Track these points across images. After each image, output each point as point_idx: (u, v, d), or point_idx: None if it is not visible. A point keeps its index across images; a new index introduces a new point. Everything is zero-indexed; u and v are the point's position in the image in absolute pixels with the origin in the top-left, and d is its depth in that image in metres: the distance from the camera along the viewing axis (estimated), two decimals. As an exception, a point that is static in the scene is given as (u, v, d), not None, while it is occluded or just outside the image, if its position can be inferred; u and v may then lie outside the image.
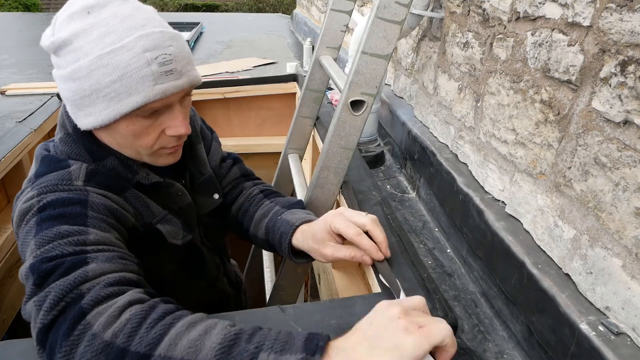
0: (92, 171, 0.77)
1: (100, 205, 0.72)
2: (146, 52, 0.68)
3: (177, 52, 0.72)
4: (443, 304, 0.73)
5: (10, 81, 3.05)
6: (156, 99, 0.71)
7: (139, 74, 0.68)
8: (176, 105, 0.76)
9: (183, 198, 0.91)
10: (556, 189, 1.17)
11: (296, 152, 1.45)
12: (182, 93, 0.76)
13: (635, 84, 0.91)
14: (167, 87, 0.71)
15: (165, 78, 0.70)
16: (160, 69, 0.69)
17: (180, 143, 0.83)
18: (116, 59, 0.68)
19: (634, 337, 0.91)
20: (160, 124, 0.76)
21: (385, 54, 0.88)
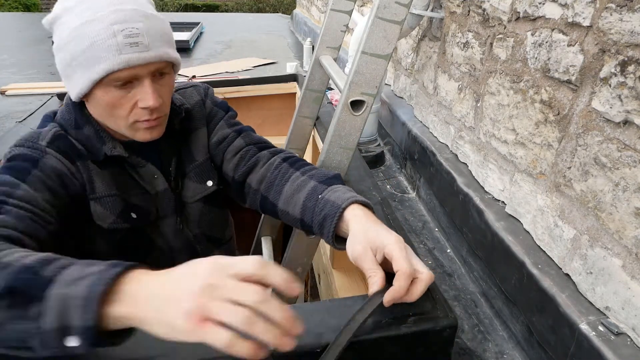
0: (58, 135, 0.85)
1: (49, 166, 0.80)
2: (114, 24, 0.75)
3: (146, 28, 0.78)
4: (443, 304, 0.73)
5: (10, 81, 3.05)
6: (120, 68, 0.76)
7: (105, 43, 0.75)
8: (146, 79, 0.80)
9: (158, 182, 0.93)
10: (556, 189, 1.17)
11: (296, 152, 1.45)
12: (153, 67, 0.80)
13: (635, 84, 0.91)
14: (130, 58, 0.76)
15: (130, 49, 0.76)
16: (125, 40, 0.75)
17: (156, 118, 0.85)
18: (88, 30, 0.76)
19: (634, 337, 0.91)
20: (133, 96, 0.81)
21: (385, 54, 0.88)
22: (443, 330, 0.69)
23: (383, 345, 0.67)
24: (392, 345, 0.68)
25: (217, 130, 1.03)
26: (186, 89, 1.05)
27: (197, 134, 1.01)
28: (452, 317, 0.70)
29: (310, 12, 5.26)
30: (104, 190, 0.88)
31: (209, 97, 1.06)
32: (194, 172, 1.00)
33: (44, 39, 4.72)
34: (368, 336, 0.66)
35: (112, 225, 0.89)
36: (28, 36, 5.06)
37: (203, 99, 1.04)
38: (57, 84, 2.98)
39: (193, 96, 1.04)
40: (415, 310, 0.71)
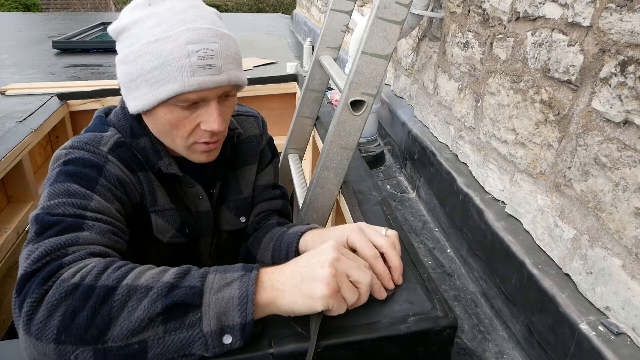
0: (120, 143, 0.82)
1: (113, 174, 0.77)
2: (189, 44, 0.72)
3: (220, 49, 0.75)
4: (443, 304, 0.73)
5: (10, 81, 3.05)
6: (191, 90, 0.73)
7: (179, 63, 0.72)
8: (213, 101, 0.77)
9: (202, 203, 0.92)
10: (556, 189, 1.17)
11: (296, 152, 1.45)
12: (221, 90, 0.77)
13: (635, 84, 0.91)
14: (203, 80, 0.73)
15: (203, 71, 0.73)
16: (199, 62, 0.72)
17: (215, 141, 0.82)
18: (161, 47, 0.72)
19: (634, 337, 0.91)
20: (197, 117, 0.78)
21: (385, 54, 0.88)
22: (443, 330, 0.69)
23: (383, 345, 0.67)
24: (392, 345, 0.68)
25: (264, 175, 1.03)
26: (247, 117, 1.02)
27: (250, 169, 1.00)
28: (452, 317, 0.70)
29: (310, 12, 5.26)
30: (165, 204, 0.85)
31: (265, 132, 1.04)
32: (234, 203, 0.98)
33: (44, 39, 4.72)
34: (368, 336, 0.66)
35: (172, 240, 0.87)
36: (28, 36, 5.06)
37: (262, 134, 1.02)
38: (57, 84, 2.98)
39: (252, 128, 1.01)
40: (415, 310, 0.71)
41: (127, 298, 0.56)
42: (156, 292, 0.56)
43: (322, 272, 0.60)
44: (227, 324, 0.56)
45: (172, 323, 0.55)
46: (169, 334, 0.55)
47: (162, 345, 0.55)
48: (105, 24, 5.53)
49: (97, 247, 0.65)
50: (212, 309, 0.56)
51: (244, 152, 0.99)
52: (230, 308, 0.56)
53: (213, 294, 0.57)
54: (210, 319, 0.55)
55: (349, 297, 0.62)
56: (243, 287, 0.58)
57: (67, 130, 2.19)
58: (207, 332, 0.55)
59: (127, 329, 0.54)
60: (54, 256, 0.61)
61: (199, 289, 0.57)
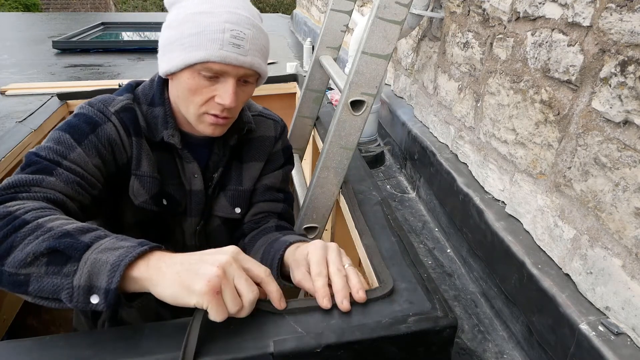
0: (127, 107, 0.90)
1: (107, 134, 0.86)
2: (227, 22, 0.81)
3: (251, 36, 0.84)
4: (443, 304, 0.73)
5: (10, 81, 3.05)
6: (216, 61, 0.81)
7: (213, 35, 0.81)
8: (233, 79, 0.85)
9: (196, 182, 0.97)
10: (556, 189, 1.17)
11: (296, 152, 1.45)
12: (242, 71, 0.84)
13: (635, 84, 0.91)
14: (228, 55, 0.81)
15: (231, 48, 0.81)
16: (231, 39, 0.81)
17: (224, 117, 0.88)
18: (202, 19, 0.82)
19: (634, 337, 0.91)
20: (214, 89, 0.85)
21: (385, 54, 0.88)
22: (443, 330, 0.69)
23: (383, 345, 0.67)
24: (392, 345, 0.68)
25: (270, 177, 1.06)
26: (267, 119, 1.07)
27: (255, 165, 1.04)
28: (452, 317, 0.70)
29: (310, 12, 5.26)
30: (148, 170, 0.92)
31: (282, 138, 1.09)
32: (232, 193, 1.03)
33: (44, 39, 4.72)
34: (368, 336, 0.66)
35: (143, 204, 0.92)
36: (28, 36, 5.05)
37: (277, 138, 1.07)
38: (57, 84, 2.98)
39: (268, 129, 1.06)
40: (415, 310, 0.71)
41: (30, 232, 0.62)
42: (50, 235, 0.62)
43: (208, 269, 0.61)
44: (95, 285, 0.59)
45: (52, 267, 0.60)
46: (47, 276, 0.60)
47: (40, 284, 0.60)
48: (105, 24, 5.53)
49: (57, 193, 0.74)
50: (86, 267, 0.59)
51: (255, 148, 1.04)
52: (101, 271, 0.59)
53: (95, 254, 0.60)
54: (82, 274, 0.59)
55: (230, 304, 0.61)
56: (122, 256, 0.60)
57: (67, 130, 2.18)
58: (76, 286, 0.59)
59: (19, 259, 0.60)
60: (17, 190, 0.71)
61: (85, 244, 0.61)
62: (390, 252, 0.87)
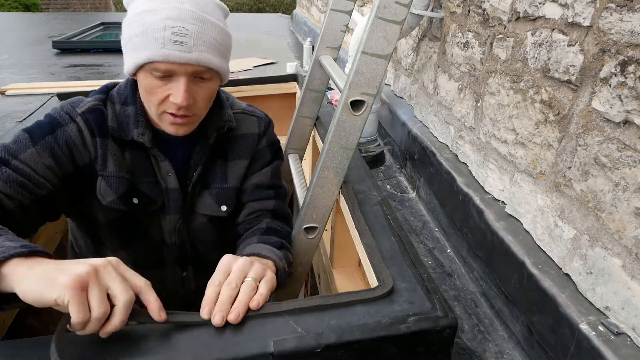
0: (94, 108, 0.91)
1: (66, 136, 0.87)
2: (167, 19, 0.80)
3: (196, 31, 0.82)
4: (443, 304, 0.73)
5: (10, 81, 3.05)
6: (159, 60, 0.81)
7: (154, 34, 0.80)
8: (183, 77, 0.83)
9: (171, 180, 0.97)
10: (556, 189, 1.17)
11: (296, 152, 1.45)
12: (190, 68, 0.83)
13: (635, 84, 0.91)
14: (170, 54, 0.80)
15: (173, 46, 0.80)
16: (172, 37, 0.80)
17: (182, 116, 0.87)
18: (145, 17, 0.81)
19: (634, 337, 0.91)
20: (168, 89, 0.84)
21: (385, 54, 0.88)
22: (443, 330, 0.69)
23: (383, 345, 0.67)
24: (392, 345, 0.68)
25: (258, 175, 1.05)
26: (249, 116, 1.07)
27: (239, 163, 1.04)
28: (452, 317, 0.70)
29: (310, 12, 5.26)
30: (114, 171, 0.92)
31: (267, 134, 1.08)
32: (217, 191, 1.02)
33: (44, 39, 4.72)
34: (368, 336, 0.66)
35: (110, 204, 0.93)
36: (28, 36, 5.05)
37: (260, 135, 1.06)
38: (57, 84, 2.98)
39: (251, 126, 1.05)
40: (415, 310, 0.71)
41: None
42: None
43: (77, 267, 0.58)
44: None
45: None
46: None
47: None
48: (105, 24, 5.53)
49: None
50: None
51: (239, 146, 1.03)
52: None
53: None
54: None
55: (95, 304, 0.57)
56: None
57: (67, 130, 2.18)
58: None
59: None
60: None
61: None
62: (390, 252, 0.87)
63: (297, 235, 1.08)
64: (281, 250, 0.92)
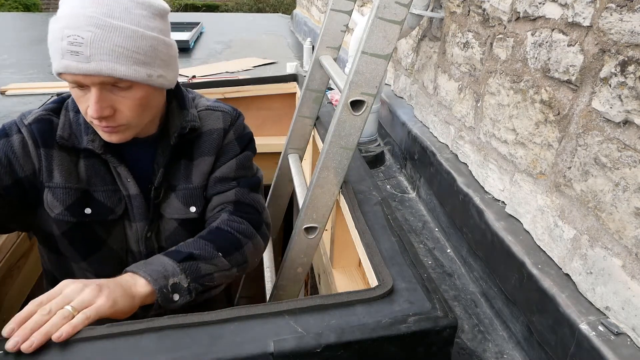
0: (39, 119, 0.90)
1: (7, 148, 0.86)
2: (65, 28, 0.76)
3: (93, 39, 0.75)
4: (443, 304, 0.73)
5: (10, 81, 3.05)
6: (60, 72, 0.78)
7: (55, 45, 0.78)
8: (94, 87, 0.79)
9: (130, 186, 0.94)
10: (556, 189, 1.17)
11: (296, 152, 1.45)
12: (95, 79, 0.78)
13: (635, 84, 0.91)
14: (68, 65, 0.77)
15: (70, 56, 0.76)
16: (68, 47, 0.76)
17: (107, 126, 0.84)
18: (52, 26, 0.79)
19: (634, 337, 0.91)
20: (87, 99, 0.82)
21: (385, 54, 0.88)
22: (443, 330, 0.70)
23: (383, 345, 0.68)
24: (392, 345, 0.68)
25: (223, 168, 1.00)
26: (214, 111, 1.01)
27: (204, 160, 0.99)
28: (452, 317, 0.70)
29: (310, 12, 5.26)
30: (61, 181, 0.89)
31: (234, 127, 1.02)
32: (183, 192, 0.98)
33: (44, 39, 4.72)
34: (368, 336, 0.66)
35: (59, 217, 0.90)
36: (28, 36, 5.05)
37: (226, 129, 1.01)
38: (57, 84, 2.98)
39: (216, 122, 1.00)
40: (415, 310, 0.71)
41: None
42: None
43: None
44: None
45: None
46: None
47: None
48: (105, 24, 5.51)
49: None
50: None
51: (203, 143, 0.99)
52: None
53: None
54: None
55: None
56: None
57: (67, 130, 2.18)
58: None
59: None
60: None
61: None
62: (390, 252, 0.87)
63: (297, 236, 1.08)
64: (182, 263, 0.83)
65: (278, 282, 1.19)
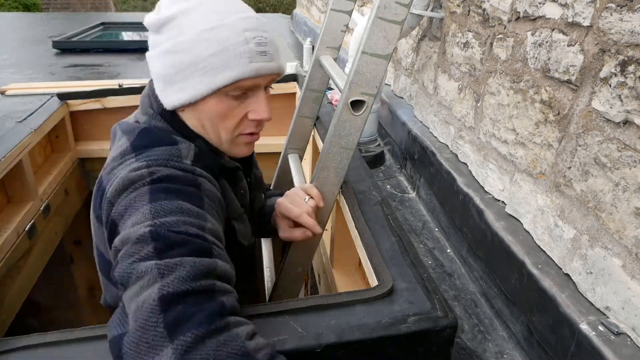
0: (198, 153, 0.77)
1: (210, 192, 0.72)
2: (246, 31, 0.72)
3: (270, 37, 0.76)
4: (443, 304, 0.73)
5: (10, 81, 3.05)
6: (250, 76, 0.73)
7: (238, 49, 0.71)
8: (262, 89, 0.78)
9: (245, 195, 0.92)
10: (556, 189, 1.17)
11: (296, 152, 1.45)
12: (270, 78, 0.78)
13: (635, 84, 0.91)
14: (260, 66, 0.74)
15: (260, 57, 0.73)
16: (257, 48, 0.73)
17: (258, 132, 0.83)
18: (218, 35, 0.71)
19: (634, 337, 0.91)
20: (245, 107, 0.77)
21: (385, 54, 0.88)
22: (443, 330, 0.70)
23: (383, 345, 0.68)
24: (392, 345, 0.68)
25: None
26: None
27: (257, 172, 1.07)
28: (452, 317, 0.70)
29: (310, 12, 5.26)
30: (239, 208, 0.85)
31: None
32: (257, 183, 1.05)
33: (44, 39, 4.72)
34: (368, 336, 0.66)
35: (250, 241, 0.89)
36: (28, 36, 5.05)
37: None
38: (57, 84, 2.98)
39: None
40: (415, 310, 0.71)
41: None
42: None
43: None
44: None
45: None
46: None
47: None
48: (105, 24, 5.52)
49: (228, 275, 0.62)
50: None
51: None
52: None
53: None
54: None
55: None
56: None
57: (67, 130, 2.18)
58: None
59: None
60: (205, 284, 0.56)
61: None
62: (390, 252, 0.87)
63: (297, 235, 1.08)
64: None
65: (278, 282, 1.19)
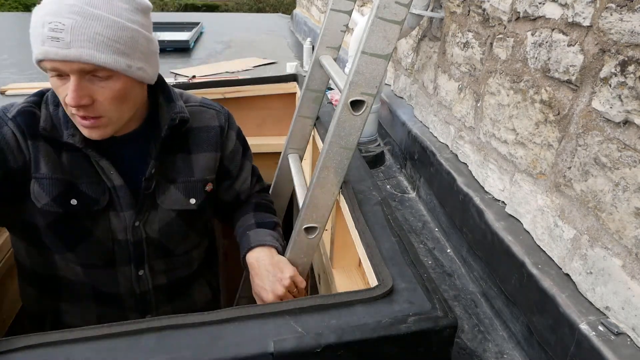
0: (23, 111, 0.90)
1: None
2: (46, 15, 0.78)
3: (75, 25, 0.77)
4: (443, 304, 0.73)
5: (10, 81, 3.05)
6: (41, 58, 0.80)
7: (35, 31, 0.79)
8: (73, 75, 0.81)
9: (115, 177, 0.96)
10: (556, 189, 1.17)
11: (296, 152, 1.45)
12: (75, 66, 0.79)
13: (635, 84, 0.91)
14: (48, 50, 0.78)
15: (50, 42, 0.78)
16: (49, 33, 0.77)
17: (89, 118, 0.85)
18: (33, 15, 0.80)
19: (634, 337, 0.91)
20: (65, 89, 0.82)
21: (385, 53, 0.88)
22: (443, 330, 0.70)
23: (383, 345, 0.68)
24: (392, 345, 0.68)
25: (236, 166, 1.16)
26: (208, 109, 1.08)
27: (205, 156, 1.06)
28: (452, 317, 0.70)
29: (310, 12, 5.26)
30: (47, 172, 0.90)
31: (232, 127, 1.12)
32: (184, 185, 1.04)
33: (44, 39, 4.72)
34: (368, 336, 0.66)
35: (45, 207, 0.91)
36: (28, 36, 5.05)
37: (223, 127, 1.09)
38: (57, 84, 2.98)
39: (211, 119, 1.08)
40: (415, 310, 0.71)
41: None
42: None
43: None
44: None
45: None
46: None
47: None
48: (105, 24, 5.52)
49: None
50: None
51: (200, 139, 1.06)
52: None
53: None
54: None
55: None
56: None
57: (67, 130, 2.17)
58: None
59: None
60: None
61: None
62: (390, 252, 0.87)
63: (297, 236, 1.08)
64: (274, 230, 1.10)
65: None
